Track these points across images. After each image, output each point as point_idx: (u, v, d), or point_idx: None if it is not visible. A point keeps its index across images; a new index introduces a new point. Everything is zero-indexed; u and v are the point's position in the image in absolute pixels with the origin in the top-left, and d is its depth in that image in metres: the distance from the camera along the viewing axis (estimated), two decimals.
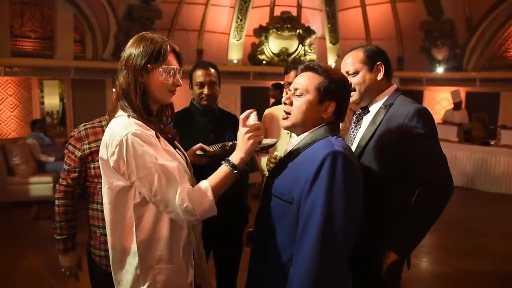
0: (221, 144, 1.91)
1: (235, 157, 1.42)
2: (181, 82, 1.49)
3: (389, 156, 1.73)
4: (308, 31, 10.35)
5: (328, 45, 10.72)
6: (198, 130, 2.34)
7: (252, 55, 10.39)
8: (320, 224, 1.29)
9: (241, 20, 10.07)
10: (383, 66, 1.84)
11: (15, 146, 5.93)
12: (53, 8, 7.96)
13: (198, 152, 1.76)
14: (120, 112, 1.45)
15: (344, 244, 1.32)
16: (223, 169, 1.41)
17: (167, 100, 1.51)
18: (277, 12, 10.34)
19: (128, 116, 1.41)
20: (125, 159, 1.33)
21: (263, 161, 2.31)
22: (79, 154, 1.95)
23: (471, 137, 7.92)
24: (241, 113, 1.46)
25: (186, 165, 1.52)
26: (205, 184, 1.38)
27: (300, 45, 10.37)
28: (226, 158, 1.43)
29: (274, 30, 10.17)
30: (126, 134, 1.33)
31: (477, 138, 7.83)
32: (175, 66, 1.46)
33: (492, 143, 7.61)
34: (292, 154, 1.47)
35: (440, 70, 9.73)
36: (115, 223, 1.45)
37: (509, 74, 8.81)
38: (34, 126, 6.73)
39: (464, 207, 6.10)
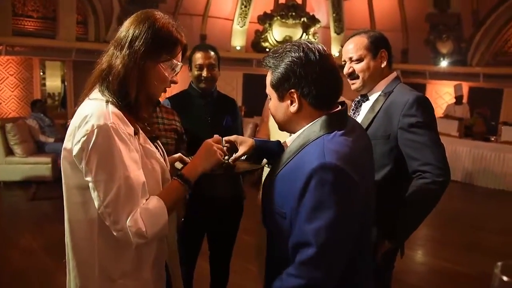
0: None
1: (192, 172, 1.29)
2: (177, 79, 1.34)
3: (387, 143, 1.72)
4: (313, 20, 10.27)
5: (333, 34, 10.65)
6: (196, 112, 2.33)
7: (256, 42, 10.33)
8: (306, 256, 1.09)
9: (245, 7, 10.00)
10: (386, 53, 1.82)
11: (15, 126, 5.91)
12: None
13: (177, 164, 1.53)
14: (96, 94, 1.22)
15: (330, 277, 1.11)
16: (177, 187, 1.26)
17: (159, 95, 1.33)
18: None
19: (107, 102, 1.18)
20: (88, 152, 1.10)
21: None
22: None
23: (472, 133, 7.90)
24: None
25: (165, 165, 1.35)
26: (161, 203, 1.19)
27: (304, 34, 10.30)
28: (180, 172, 1.28)
29: (279, 17, 10.10)
30: (101, 125, 1.11)
31: (478, 133, 7.80)
32: (181, 64, 1.29)
33: (493, 139, 7.59)
34: (285, 158, 1.25)
35: (444, 64, 9.68)
36: (73, 224, 1.25)
37: None
38: (34, 106, 6.72)
39: (462, 202, 6.11)
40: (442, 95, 10.00)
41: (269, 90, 1.28)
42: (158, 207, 1.18)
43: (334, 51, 10.46)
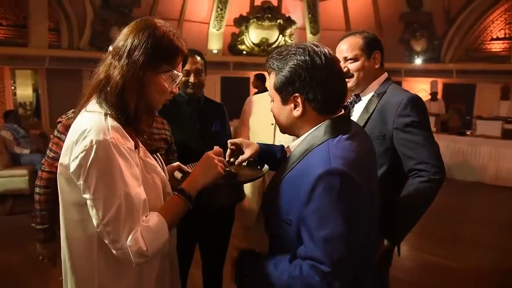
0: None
1: (193, 186, 1.23)
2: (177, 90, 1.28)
3: (382, 144, 1.73)
4: (289, 21, 10.34)
5: (309, 35, 10.73)
6: (184, 119, 2.28)
7: (232, 45, 10.31)
8: (321, 269, 1.06)
9: (221, 10, 9.97)
10: (380, 54, 1.84)
11: None
12: None
13: (176, 174, 1.48)
14: (94, 106, 1.15)
15: (346, 282, 1.09)
16: (177, 202, 1.20)
17: (159, 107, 1.26)
18: (258, 1, 10.28)
19: (106, 115, 1.12)
20: (87, 169, 1.05)
21: None
22: None
23: (448, 127, 8.09)
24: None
25: (166, 179, 1.31)
26: (161, 220, 1.14)
27: (281, 36, 10.35)
28: (180, 188, 1.23)
29: (255, 20, 10.11)
30: (100, 140, 1.05)
31: (454, 128, 8.00)
32: (181, 74, 1.24)
33: (468, 133, 7.79)
34: (289, 163, 1.21)
35: (418, 61, 9.90)
36: (71, 241, 1.19)
37: (485, 66, 9.05)
38: (7, 117, 6.48)
39: (442, 196, 6.11)
40: (417, 92, 10.10)
41: (272, 92, 1.23)
42: (159, 224, 1.13)
43: None
